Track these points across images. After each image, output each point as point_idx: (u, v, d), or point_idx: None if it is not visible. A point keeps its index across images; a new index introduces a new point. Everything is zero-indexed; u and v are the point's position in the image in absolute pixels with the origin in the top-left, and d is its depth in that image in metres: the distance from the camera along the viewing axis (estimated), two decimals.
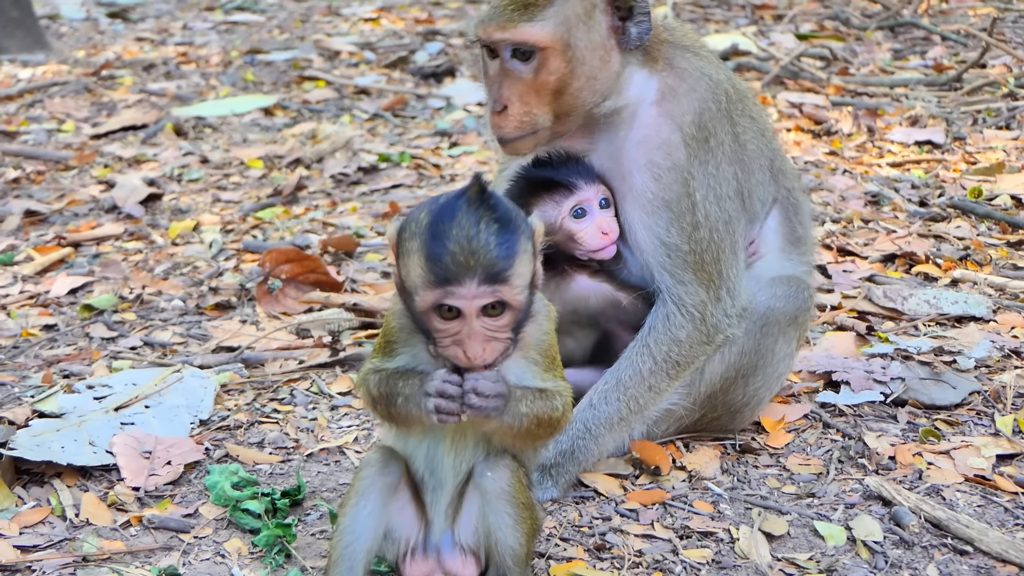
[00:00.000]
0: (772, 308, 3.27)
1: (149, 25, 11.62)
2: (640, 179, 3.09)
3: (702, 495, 3.12)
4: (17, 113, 8.05)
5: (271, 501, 3.03)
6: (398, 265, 2.38)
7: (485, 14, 3.06)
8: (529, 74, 3.01)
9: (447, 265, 2.24)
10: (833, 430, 3.49)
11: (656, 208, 3.08)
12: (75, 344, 4.32)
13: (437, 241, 2.26)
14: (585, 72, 3.02)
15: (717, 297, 3.14)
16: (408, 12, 11.67)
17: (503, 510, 2.44)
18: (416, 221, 2.34)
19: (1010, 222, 5.23)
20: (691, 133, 3.10)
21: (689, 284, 3.11)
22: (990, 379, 3.77)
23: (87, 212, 5.97)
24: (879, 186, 5.79)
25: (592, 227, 3.10)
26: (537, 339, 2.45)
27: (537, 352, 2.44)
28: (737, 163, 3.20)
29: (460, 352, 2.31)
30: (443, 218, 2.29)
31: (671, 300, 3.12)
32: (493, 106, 3.06)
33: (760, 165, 3.30)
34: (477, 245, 2.26)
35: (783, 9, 10.75)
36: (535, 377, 2.43)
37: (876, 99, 7.51)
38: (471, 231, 2.26)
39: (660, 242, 3.09)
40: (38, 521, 3.03)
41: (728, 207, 3.16)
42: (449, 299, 2.26)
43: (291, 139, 7.05)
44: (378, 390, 2.44)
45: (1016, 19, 9.81)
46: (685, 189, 3.08)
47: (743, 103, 3.29)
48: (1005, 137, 6.61)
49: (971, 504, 3.05)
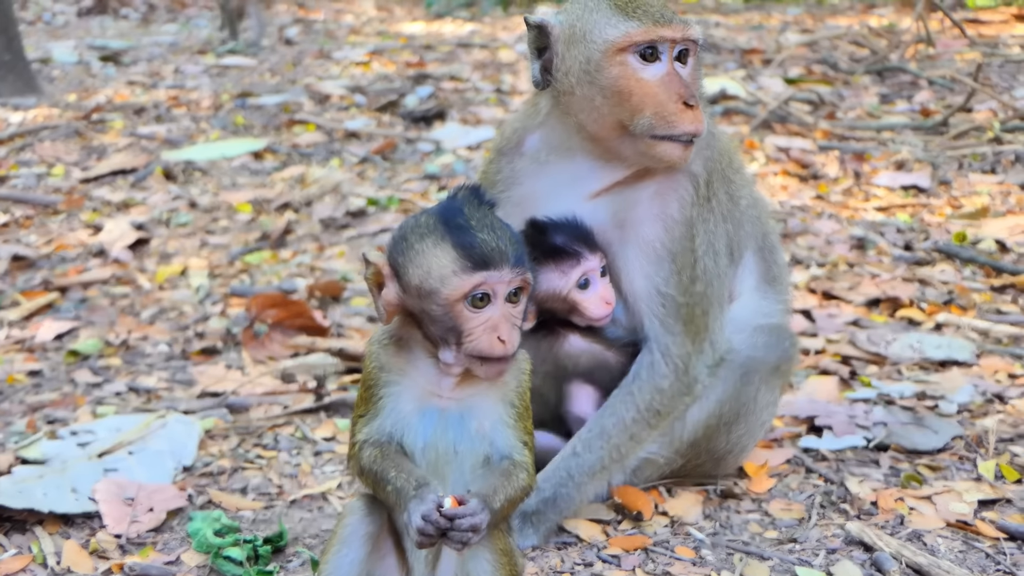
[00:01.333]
0: (753, 357, 3.29)
1: (141, 69, 11.72)
2: (651, 229, 3.10)
3: (684, 540, 3.14)
4: (7, 157, 8.09)
5: (253, 548, 3.04)
6: (405, 274, 2.35)
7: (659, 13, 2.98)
8: (687, 73, 3.00)
9: (481, 251, 2.27)
10: (815, 475, 3.51)
11: (661, 258, 3.10)
12: (60, 390, 4.34)
13: (462, 231, 2.29)
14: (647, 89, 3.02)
15: (700, 349, 3.17)
16: (399, 56, 11.79)
17: (482, 556, 2.44)
18: (420, 227, 2.35)
19: (994, 266, 5.28)
20: (703, 192, 3.14)
21: (678, 335, 3.14)
22: (972, 424, 3.80)
23: (75, 257, 6.00)
24: (864, 230, 5.85)
25: (596, 297, 3.11)
26: (516, 380, 2.47)
27: (515, 395, 2.45)
28: (731, 220, 3.26)
29: (494, 339, 2.30)
30: (454, 214, 2.32)
31: (658, 349, 3.15)
32: (689, 100, 2.95)
33: (748, 218, 3.35)
34: (501, 231, 2.31)
35: (772, 54, 10.88)
36: (508, 424, 2.44)
37: (863, 143, 7.59)
38: (488, 220, 2.31)
39: (657, 291, 3.12)
40: (19, 569, 3.03)
41: (721, 263, 3.21)
42: (486, 284, 2.28)
43: (280, 183, 7.10)
44: (370, 467, 2.42)
45: (1002, 64, 9.94)
46: (690, 244, 3.12)
47: (732, 159, 3.33)
48: (990, 181, 6.68)
49: (952, 549, 3.06)
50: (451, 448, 2.40)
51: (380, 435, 2.43)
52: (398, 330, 2.46)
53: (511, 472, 2.39)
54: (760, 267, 3.42)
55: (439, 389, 2.41)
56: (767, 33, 13.00)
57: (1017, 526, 3.13)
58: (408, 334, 2.44)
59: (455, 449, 2.40)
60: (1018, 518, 3.20)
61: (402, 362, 2.44)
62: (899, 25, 12.98)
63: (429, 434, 2.41)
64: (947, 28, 12.04)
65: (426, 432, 2.41)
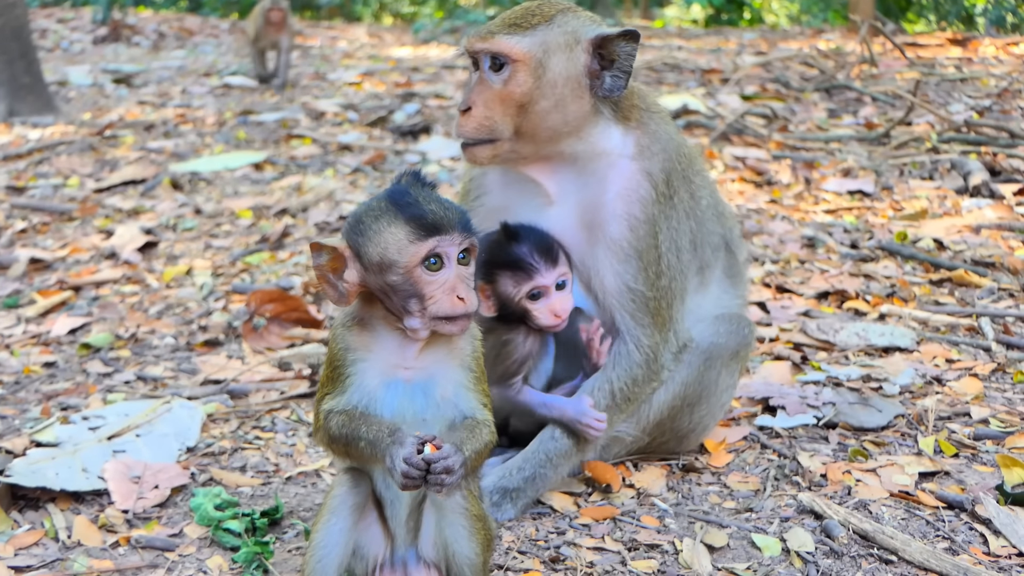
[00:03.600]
0: (715, 344, 3.27)
1: (151, 90, 11.64)
2: (617, 228, 3.06)
3: (649, 510, 3.12)
4: (26, 170, 8.02)
5: (251, 521, 3.00)
6: (365, 253, 2.33)
7: (475, 30, 3.05)
8: (499, 84, 2.96)
9: (431, 220, 2.29)
10: (770, 451, 3.50)
11: (628, 256, 3.07)
12: (73, 379, 4.28)
13: (412, 206, 2.30)
14: (553, 96, 2.97)
15: (666, 339, 3.16)
16: (388, 76, 11.77)
17: (458, 523, 2.41)
18: (373, 209, 2.35)
19: (932, 263, 5.29)
20: (662, 190, 3.11)
21: (647, 327, 3.11)
22: (913, 403, 3.79)
23: (88, 259, 5.94)
24: (814, 231, 5.85)
25: (545, 309, 3.05)
26: (470, 345, 2.45)
27: (471, 360, 2.44)
28: (693, 218, 3.23)
29: (454, 298, 2.30)
30: (402, 195, 2.33)
31: (631, 340, 3.13)
32: (460, 106, 3.01)
33: (709, 217, 3.32)
34: (444, 201, 2.34)
35: (729, 73, 10.90)
36: (468, 387, 2.42)
37: (812, 153, 7.60)
38: (431, 196, 2.34)
39: (627, 287, 3.09)
40: (32, 543, 2.98)
41: (684, 258, 3.18)
42: (440, 247, 2.29)
43: (279, 191, 7.05)
44: (339, 431, 2.37)
45: (938, 83, 9.99)
46: (654, 241, 3.09)
47: (692, 162, 3.30)
48: (928, 187, 6.69)
49: (896, 517, 3.05)
50: (418, 416, 2.37)
51: (347, 406, 2.39)
52: (359, 311, 2.43)
53: (475, 427, 2.37)
54: (723, 263, 3.40)
55: (403, 360, 2.38)
56: (725, 55, 13.03)
57: (954, 496, 3.12)
58: (369, 313, 2.41)
59: (422, 417, 2.37)
60: (955, 489, 3.19)
61: (366, 340, 2.40)
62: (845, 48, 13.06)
63: (396, 404, 2.37)
64: (888, 50, 12.12)
65: (392, 403, 2.38)
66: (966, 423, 3.64)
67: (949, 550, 2.88)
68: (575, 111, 3.02)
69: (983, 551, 2.88)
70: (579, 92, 3.01)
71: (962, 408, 3.74)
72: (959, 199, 6.38)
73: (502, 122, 2.98)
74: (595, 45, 2.99)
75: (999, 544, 2.90)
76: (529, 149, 3.05)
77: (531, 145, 3.04)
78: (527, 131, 3.00)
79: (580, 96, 3.01)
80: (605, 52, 3.00)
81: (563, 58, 2.98)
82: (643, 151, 3.11)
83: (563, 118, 3.01)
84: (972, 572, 2.72)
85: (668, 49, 14.00)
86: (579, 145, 3.07)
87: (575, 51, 2.99)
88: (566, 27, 3.00)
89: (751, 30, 17.29)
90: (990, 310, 4.67)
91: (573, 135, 3.05)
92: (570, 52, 2.99)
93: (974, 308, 4.72)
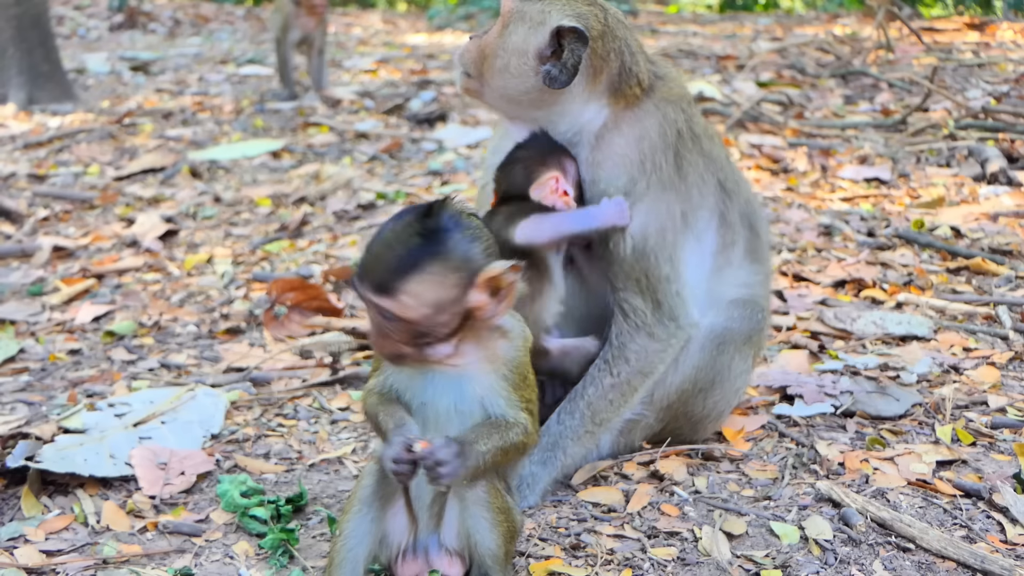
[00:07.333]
0: (728, 328, 3.28)
1: (168, 77, 11.67)
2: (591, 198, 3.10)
3: (669, 498, 3.14)
4: (47, 158, 8.08)
5: (276, 507, 3.04)
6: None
7: None
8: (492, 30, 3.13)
9: (361, 262, 2.33)
10: (788, 439, 3.52)
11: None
12: (98, 366, 4.33)
13: (372, 239, 2.34)
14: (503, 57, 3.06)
15: (660, 309, 3.13)
16: (404, 64, 11.77)
17: (480, 515, 2.44)
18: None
19: (950, 251, 5.28)
20: (635, 159, 3.10)
21: (635, 298, 3.12)
22: (931, 392, 3.80)
23: (110, 247, 5.99)
24: (831, 219, 5.84)
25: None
26: (509, 356, 2.46)
27: (508, 368, 2.45)
28: (673, 189, 3.14)
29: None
30: (388, 222, 2.35)
31: (619, 312, 3.14)
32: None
33: (702, 192, 3.24)
34: (380, 254, 2.29)
35: (745, 60, 10.86)
36: (502, 393, 2.43)
37: (829, 140, 7.58)
38: (387, 240, 2.30)
39: (613, 257, 3.10)
40: (62, 528, 3.03)
41: (668, 226, 3.13)
42: (356, 290, 2.33)
43: (297, 179, 7.09)
44: (371, 411, 2.49)
45: (955, 68, 9.94)
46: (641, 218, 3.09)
47: (696, 142, 3.22)
48: (945, 174, 6.67)
49: (913, 506, 3.07)
50: (451, 408, 2.43)
51: (382, 388, 2.49)
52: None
53: (502, 426, 2.41)
54: (744, 242, 3.36)
55: (437, 357, 2.42)
56: (740, 41, 12.98)
57: (971, 484, 3.13)
58: None
59: (456, 408, 2.42)
60: (972, 477, 3.20)
61: None
62: (861, 33, 12.98)
63: (428, 394, 2.43)
64: (905, 36, 12.04)
65: (423, 392, 2.44)
66: (983, 412, 3.65)
67: (966, 538, 2.90)
68: (516, 85, 3.08)
69: (1000, 539, 2.89)
70: (523, 68, 3.05)
71: (979, 397, 3.75)
72: (976, 186, 6.37)
73: (473, 62, 3.15)
74: (553, 34, 3.02)
75: (1016, 532, 2.92)
76: (502, 103, 3.19)
77: (501, 100, 3.17)
78: (487, 80, 3.13)
79: (523, 72, 3.05)
80: (563, 43, 3.02)
81: (523, 30, 3.05)
82: (619, 126, 3.12)
83: (507, 84, 3.09)
84: (989, 560, 2.74)
85: (683, 35, 13.95)
86: (546, 115, 3.12)
87: (538, 31, 3.03)
88: (545, 5, 3.06)
89: (766, 15, 17.20)
90: (1008, 298, 4.67)
91: (533, 106, 3.11)
92: (532, 29, 3.04)
93: (991, 296, 4.72)
